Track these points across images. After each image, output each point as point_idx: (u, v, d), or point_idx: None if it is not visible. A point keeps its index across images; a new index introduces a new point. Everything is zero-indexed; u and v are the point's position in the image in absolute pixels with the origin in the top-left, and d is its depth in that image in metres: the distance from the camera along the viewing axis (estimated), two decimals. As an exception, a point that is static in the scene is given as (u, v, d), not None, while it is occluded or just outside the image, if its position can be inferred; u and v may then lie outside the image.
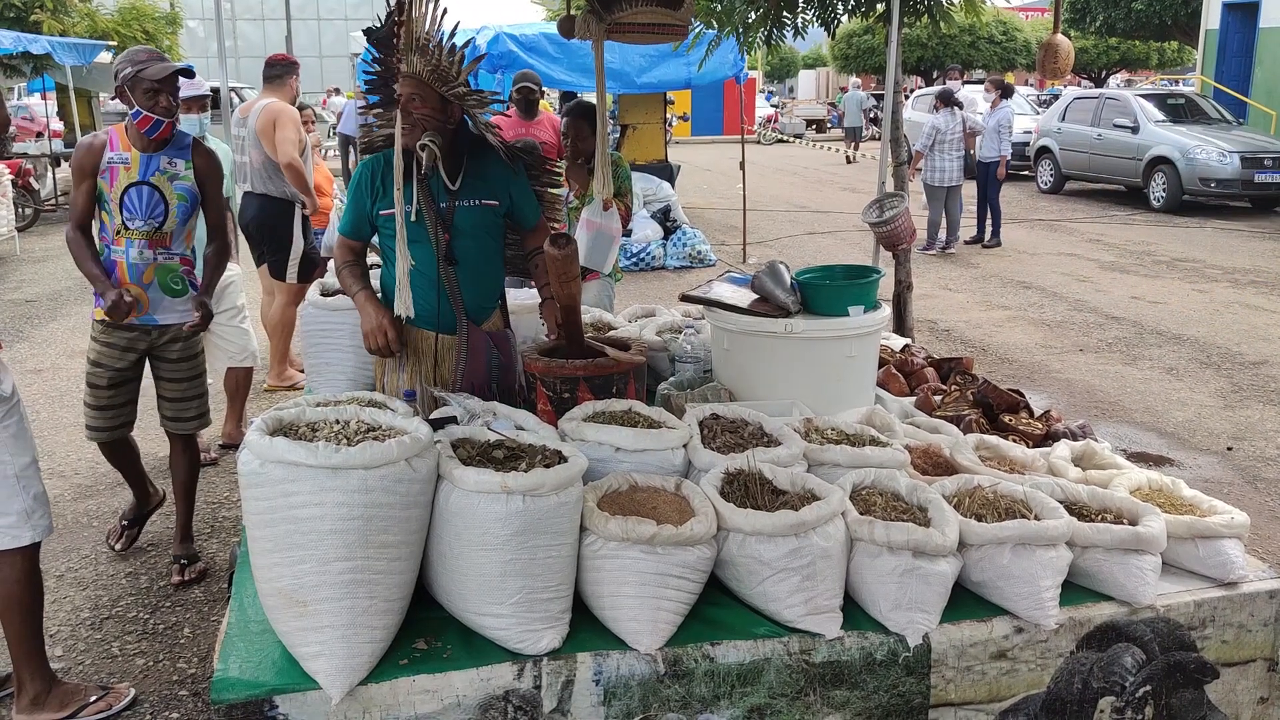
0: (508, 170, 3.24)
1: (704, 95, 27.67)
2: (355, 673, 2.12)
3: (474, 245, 3.18)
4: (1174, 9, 21.94)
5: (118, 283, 3.75)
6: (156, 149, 3.78)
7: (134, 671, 3.46)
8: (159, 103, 3.67)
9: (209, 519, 4.67)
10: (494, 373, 3.24)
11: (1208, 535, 2.60)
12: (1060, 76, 5.91)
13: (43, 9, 17.16)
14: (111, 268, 3.78)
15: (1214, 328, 8.16)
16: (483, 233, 3.20)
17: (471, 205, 3.16)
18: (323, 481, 2.09)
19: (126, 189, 3.73)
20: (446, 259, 3.14)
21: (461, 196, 3.14)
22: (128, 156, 3.75)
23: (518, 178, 3.28)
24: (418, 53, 2.98)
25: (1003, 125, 11.87)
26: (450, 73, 2.99)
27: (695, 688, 2.25)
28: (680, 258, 10.93)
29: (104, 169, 3.72)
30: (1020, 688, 2.43)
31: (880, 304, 3.49)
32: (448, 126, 3.06)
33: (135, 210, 3.74)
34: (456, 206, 3.14)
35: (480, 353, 3.21)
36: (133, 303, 3.67)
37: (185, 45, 23.39)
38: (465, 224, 3.16)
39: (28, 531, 2.96)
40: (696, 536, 2.30)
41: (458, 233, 3.15)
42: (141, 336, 3.89)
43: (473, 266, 3.19)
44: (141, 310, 3.81)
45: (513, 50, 9.90)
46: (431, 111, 3.01)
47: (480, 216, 3.18)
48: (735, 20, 5.56)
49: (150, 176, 3.76)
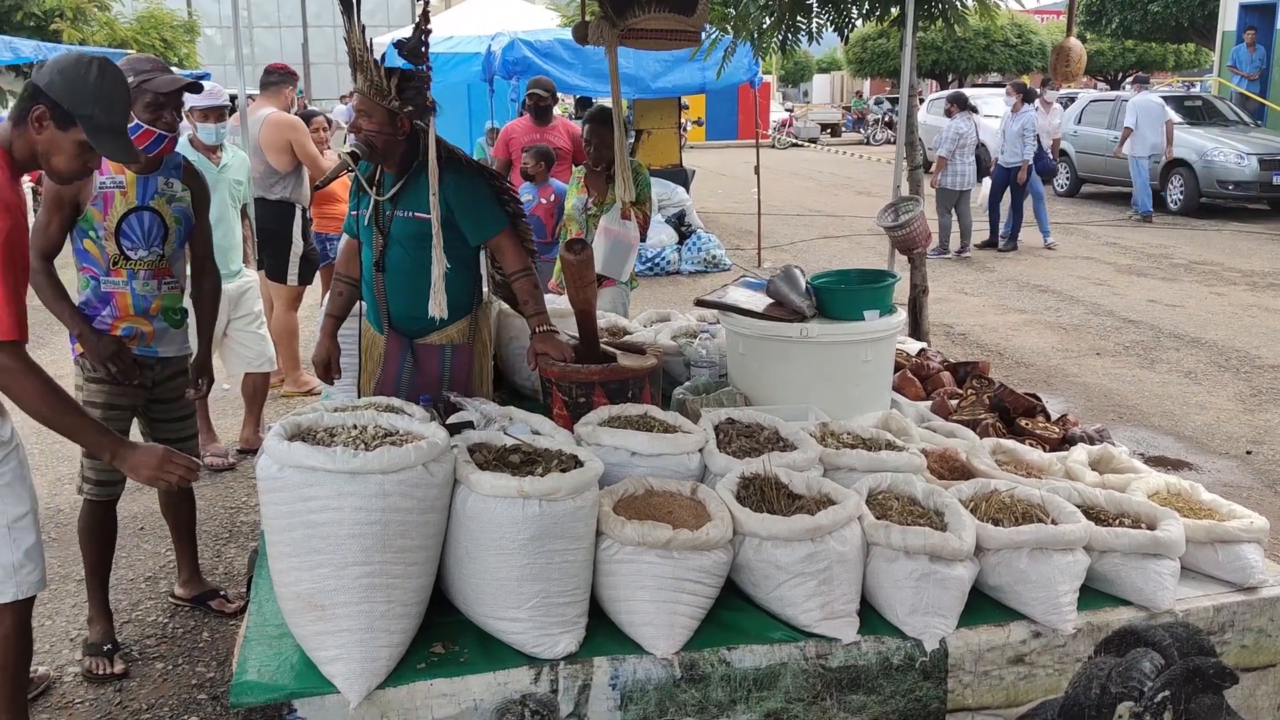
0: (449, 182, 3.17)
1: (718, 100, 27.65)
2: (373, 677, 2.13)
3: (404, 255, 3.24)
4: (1190, 11, 21.81)
5: (115, 315, 3.41)
6: (152, 169, 3.43)
7: (153, 675, 3.48)
8: (162, 117, 3.33)
9: (226, 524, 4.70)
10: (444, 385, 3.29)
11: (1227, 540, 2.58)
12: (1073, 80, 5.90)
13: (62, 18, 17.34)
14: (106, 301, 3.41)
15: (1232, 331, 8.10)
16: (413, 244, 3.22)
17: (405, 216, 3.23)
18: (341, 486, 2.10)
19: (125, 216, 3.37)
20: (377, 265, 3.29)
21: (399, 207, 3.23)
22: (122, 180, 3.38)
23: (460, 189, 3.20)
24: (359, 70, 3.06)
25: (1026, 129, 11.79)
26: (384, 87, 3.05)
27: (712, 692, 2.25)
28: (695, 262, 10.93)
29: (95, 196, 3.34)
30: (1038, 693, 2.42)
31: (896, 308, 3.48)
32: (398, 138, 3.15)
33: (137, 238, 3.40)
34: (394, 216, 3.24)
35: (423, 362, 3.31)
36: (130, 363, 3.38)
37: (203, 53, 23.58)
38: (398, 234, 3.24)
39: (11, 588, 2.67)
40: (712, 541, 2.30)
41: (391, 241, 3.25)
42: (147, 372, 3.51)
43: (403, 276, 3.26)
44: (146, 340, 3.49)
45: (528, 56, 9.92)
46: (379, 126, 3.10)
47: (411, 227, 3.22)
48: (750, 25, 5.57)
49: (150, 200, 3.42)
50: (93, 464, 3.44)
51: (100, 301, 3.43)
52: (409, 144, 3.19)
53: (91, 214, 3.35)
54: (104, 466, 3.36)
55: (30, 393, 2.43)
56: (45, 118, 2.51)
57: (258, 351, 5.34)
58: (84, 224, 3.36)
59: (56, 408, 2.46)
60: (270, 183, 6.05)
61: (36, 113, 2.50)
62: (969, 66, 31.79)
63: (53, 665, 3.55)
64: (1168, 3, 22.19)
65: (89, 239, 3.38)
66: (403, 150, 3.18)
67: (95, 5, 18.56)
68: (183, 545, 3.90)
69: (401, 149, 3.17)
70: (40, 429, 2.57)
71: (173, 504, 3.80)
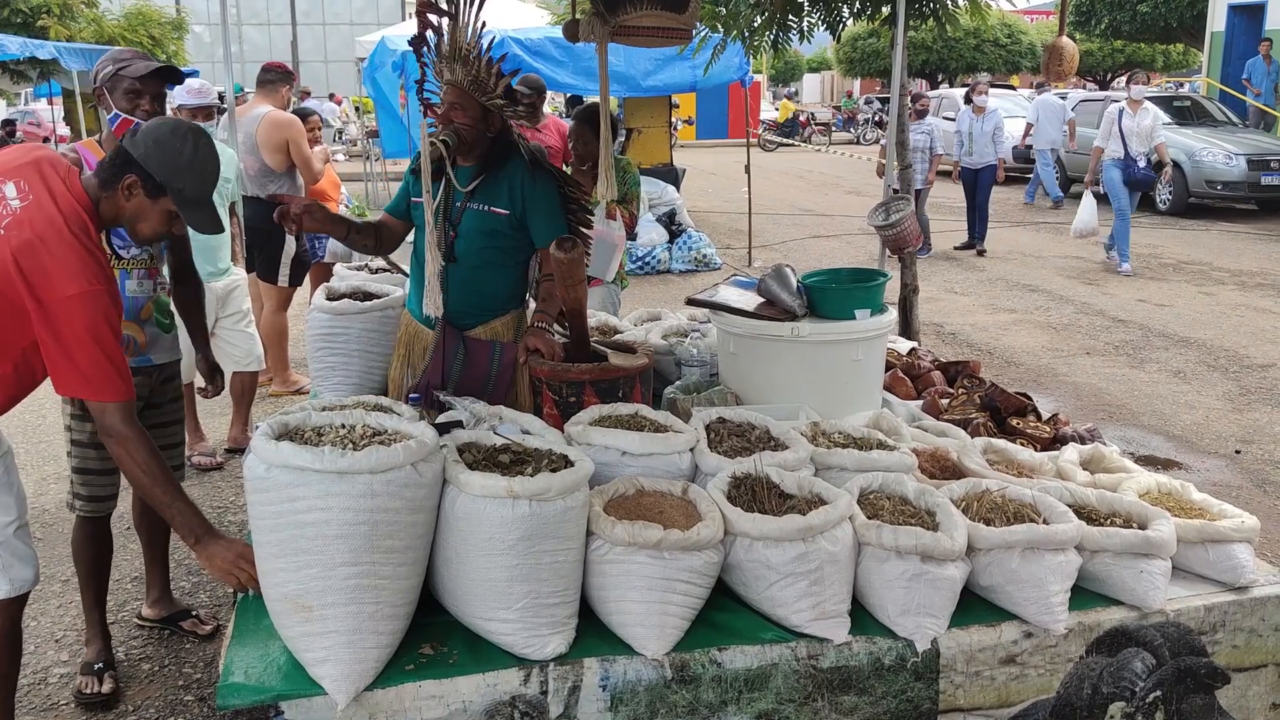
0: (527, 181, 3.23)
1: (709, 99, 27.65)
2: (361, 678, 2.11)
3: (471, 248, 3.23)
4: (1179, 11, 21.91)
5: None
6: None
7: (140, 676, 3.46)
8: (139, 105, 3.21)
9: (215, 523, 4.66)
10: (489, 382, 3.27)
11: (1217, 539, 2.59)
12: (1065, 79, 5.90)
13: (49, 14, 17.25)
14: None
15: (1221, 330, 8.13)
16: (483, 237, 3.23)
17: (479, 209, 3.23)
18: (328, 486, 2.08)
19: None
20: (445, 256, 3.23)
21: (473, 200, 3.23)
22: None
23: (536, 190, 3.24)
24: (460, 62, 3.07)
25: (998, 130, 11.64)
26: (489, 83, 3.07)
27: (703, 693, 2.24)
28: (686, 261, 10.92)
29: None
30: (1029, 693, 2.42)
31: (886, 307, 3.48)
32: (487, 135, 3.17)
33: (129, 237, 3.14)
34: (466, 208, 3.22)
35: (474, 355, 3.27)
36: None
37: (191, 50, 23.49)
38: (469, 226, 3.22)
39: (4, 585, 2.64)
40: (703, 541, 2.29)
41: (461, 233, 3.23)
42: (144, 381, 3.32)
43: (467, 268, 3.24)
44: (138, 349, 3.34)
45: (518, 54, 9.89)
46: (471, 121, 3.12)
47: (484, 221, 3.23)
48: (741, 24, 5.55)
49: None
50: (84, 480, 3.31)
51: None
52: (494, 140, 3.21)
53: None
54: (96, 483, 3.30)
55: (139, 461, 2.42)
56: (136, 187, 2.52)
57: (246, 350, 5.31)
58: None
59: (158, 480, 2.44)
60: (265, 181, 6.02)
61: (128, 181, 2.51)
62: (959, 66, 31.86)
63: (38, 666, 3.52)
64: (1157, 3, 22.28)
65: None
66: (487, 145, 3.20)
67: (82, 2, 18.48)
68: (155, 562, 3.72)
69: (486, 144, 3.20)
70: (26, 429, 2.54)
71: (148, 517, 3.59)
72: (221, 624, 3.71)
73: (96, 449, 3.24)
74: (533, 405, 3.26)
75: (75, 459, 3.30)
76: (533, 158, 3.24)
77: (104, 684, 3.33)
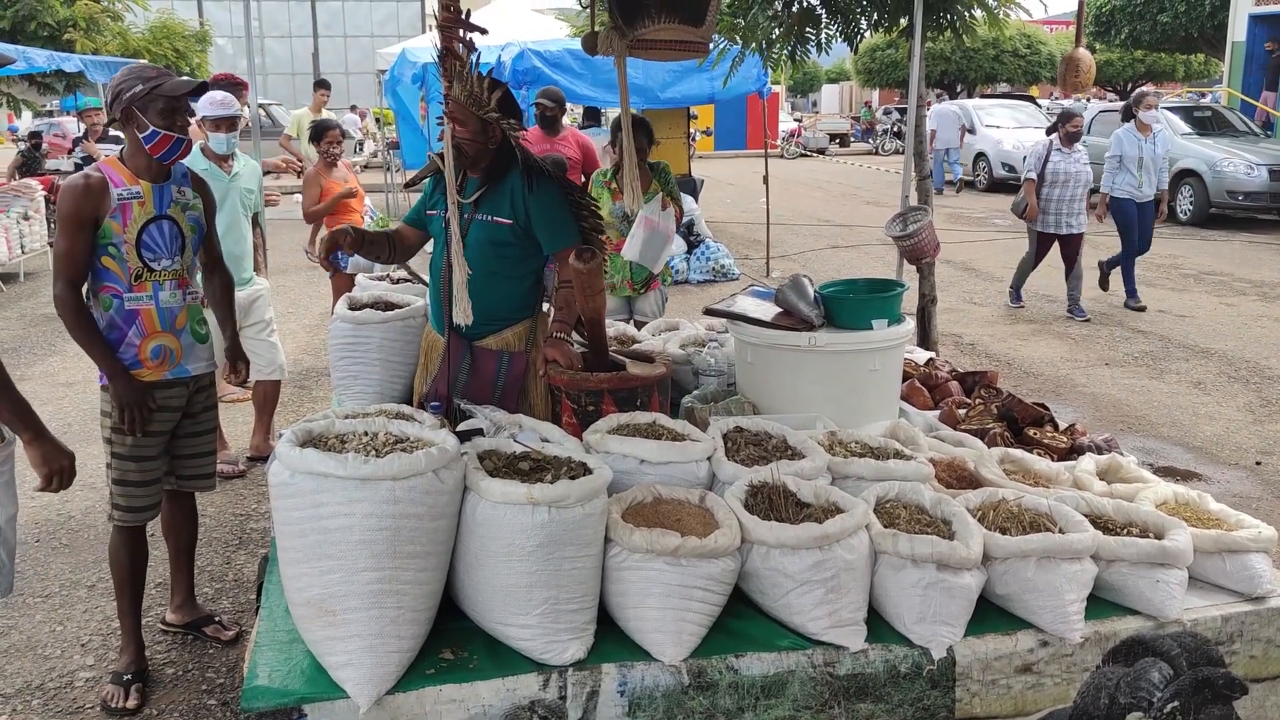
0: (525, 190, 3.25)
1: (727, 110, 27.68)
2: (383, 682, 2.14)
3: (479, 259, 3.26)
4: (1200, 21, 21.81)
5: (141, 334, 3.29)
6: (166, 177, 3.34)
7: (164, 680, 3.50)
8: (176, 122, 3.25)
9: (236, 531, 4.72)
10: (497, 392, 3.31)
11: (1235, 549, 2.58)
12: (1082, 90, 5.89)
13: (75, 28, 17.45)
14: (130, 320, 3.28)
15: (1242, 341, 8.08)
16: (489, 248, 3.27)
17: (484, 220, 3.29)
18: (352, 492, 2.12)
19: (145, 226, 3.27)
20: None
21: (479, 211, 3.29)
22: (138, 190, 3.26)
23: (535, 198, 3.26)
24: (456, 79, 3.15)
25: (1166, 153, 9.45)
26: (482, 96, 3.14)
27: (720, 699, 2.26)
28: (704, 272, 10.95)
29: (114, 209, 3.22)
30: (1046, 702, 2.43)
31: (904, 317, 3.49)
32: (489, 147, 3.23)
33: (159, 248, 3.31)
34: (473, 220, 3.29)
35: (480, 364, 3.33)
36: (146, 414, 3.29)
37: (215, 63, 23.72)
38: (474, 237, 3.28)
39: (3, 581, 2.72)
40: (721, 549, 2.31)
41: (467, 244, 3.26)
42: (180, 391, 3.42)
43: (476, 279, 3.25)
44: (174, 360, 3.38)
45: (538, 66, 9.96)
46: (471, 133, 3.18)
47: (489, 232, 3.27)
48: (759, 36, 5.58)
49: (167, 209, 3.32)
50: (123, 491, 3.35)
51: (125, 321, 3.28)
52: (497, 152, 3.27)
53: (110, 227, 3.21)
54: (135, 494, 3.36)
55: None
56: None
57: (269, 359, 5.37)
58: (102, 240, 3.23)
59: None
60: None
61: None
62: (978, 77, 31.82)
63: (64, 670, 3.57)
64: (1177, 13, 22.19)
65: (108, 255, 3.24)
66: (490, 158, 3.27)
67: (108, 15, 18.69)
68: (180, 569, 3.76)
69: (490, 157, 3.26)
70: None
71: (175, 525, 3.66)
72: (244, 630, 3.74)
73: (136, 461, 3.34)
74: (551, 414, 3.29)
75: (115, 471, 3.35)
76: (529, 167, 3.26)
77: (129, 699, 3.35)
